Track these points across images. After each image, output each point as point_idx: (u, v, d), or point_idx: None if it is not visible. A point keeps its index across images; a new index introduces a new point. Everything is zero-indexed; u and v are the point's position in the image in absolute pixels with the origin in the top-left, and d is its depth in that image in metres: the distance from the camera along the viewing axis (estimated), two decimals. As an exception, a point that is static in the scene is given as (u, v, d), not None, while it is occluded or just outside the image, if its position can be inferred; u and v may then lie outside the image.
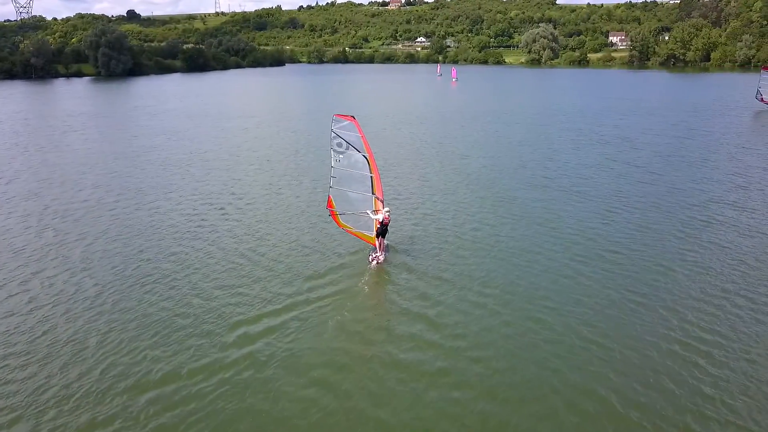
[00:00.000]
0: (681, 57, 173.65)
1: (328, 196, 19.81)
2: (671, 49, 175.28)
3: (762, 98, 61.57)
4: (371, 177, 19.37)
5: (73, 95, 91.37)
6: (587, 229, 22.51)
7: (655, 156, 37.69)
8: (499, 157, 37.80)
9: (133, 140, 45.85)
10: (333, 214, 19.96)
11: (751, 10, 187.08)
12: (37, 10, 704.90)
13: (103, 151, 40.63)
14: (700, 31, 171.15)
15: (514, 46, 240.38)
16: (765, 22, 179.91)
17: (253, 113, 65.14)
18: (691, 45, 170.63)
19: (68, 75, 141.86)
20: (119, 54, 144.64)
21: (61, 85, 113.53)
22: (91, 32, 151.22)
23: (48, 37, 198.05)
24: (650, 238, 21.58)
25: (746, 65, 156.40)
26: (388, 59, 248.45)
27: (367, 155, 19.01)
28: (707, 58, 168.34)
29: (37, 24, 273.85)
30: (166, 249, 20.90)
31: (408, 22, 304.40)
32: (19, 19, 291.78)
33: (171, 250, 20.78)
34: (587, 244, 20.93)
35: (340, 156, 19.29)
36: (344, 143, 18.99)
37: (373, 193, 19.62)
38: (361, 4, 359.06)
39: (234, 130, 51.93)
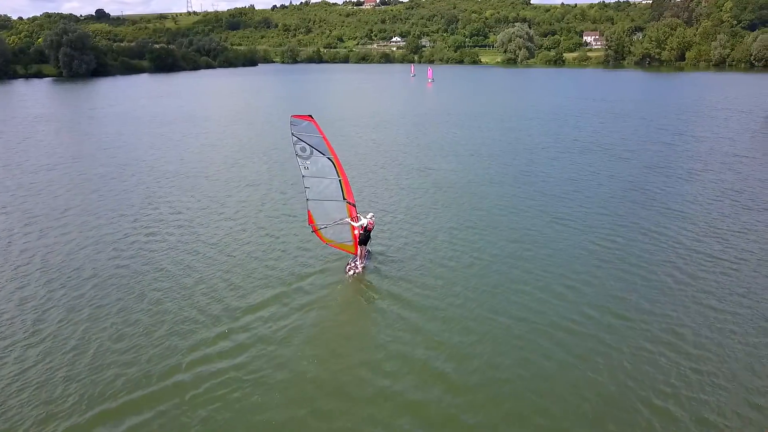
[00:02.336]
0: (656, 56, 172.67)
1: (308, 211, 18.20)
2: (646, 49, 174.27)
3: None
4: (339, 180, 17.74)
5: (22, 97, 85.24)
6: (579, 276, 17.65)
7: (643, 168, 33.32)
8: (475, 170, 33.16)
9: (59, 149, 40.89)
10: (315, 230, 18.44)
11: (721, 11, 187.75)
12: (4, 9, 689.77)
13: (20, 162, 35.70)
14: (675, 30, 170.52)
15: (489, 46, 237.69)
16: (735, 22, 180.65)
17: (207, 116, 60.49)
18: (666, 44, 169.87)
19: (28, 76, 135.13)
20: (82, 54, 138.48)
21: (16, 87, 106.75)
22: (52, 31, 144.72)
23: (13, 36, 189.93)
24: (656, 287, 16.93)
25: (721, 64, 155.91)
26: (363, 59, 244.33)
27: (331, 157, 17.32)
28: (682, 58, 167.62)
29: (2, 24, 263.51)
30: (58, 300, 16.44)
31: (383, 21, 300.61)
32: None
33: (65, 302, 16.36)
34: (581, 300, 16.07)
35: (307, 162, 17.41)
36: (307, 147, 17.17)
37: (344, 199, 18.01)
38: (336, 3, 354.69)
39: (177, 135, 47.24)
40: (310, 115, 16.93)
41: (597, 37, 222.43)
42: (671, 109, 62.41)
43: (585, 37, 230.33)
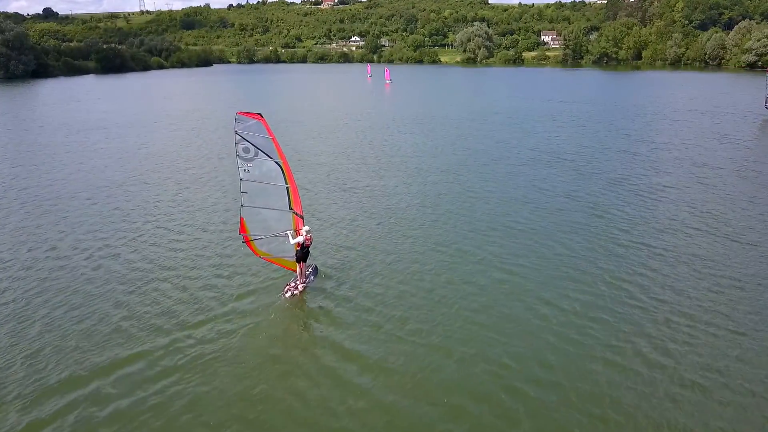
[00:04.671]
0: (613, 55, 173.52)
1: (240, 219, 16.39)
2: (604, 48, 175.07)
3: None
4: (287, 188, 16.37)
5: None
6: (532, 365, 13.20)
7: (606, 184, 29.48)
8: (419, 191, 28.43)
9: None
10: (247, 241, 16.63)
11: (673, 11, 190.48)
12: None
13: None
14: (631, 30, 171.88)
15: (449, 45, 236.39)
16: (687, 22, 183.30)
17: (130, 122, 55.40)
18: (623, 44, 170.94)
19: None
20: (20, 54, 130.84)
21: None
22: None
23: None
24: (633, 386, 12.42)
25: (676, 63, 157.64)
26: (322, 59, 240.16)
27: (280, 162, 16.06)
28: (639, 57, 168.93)
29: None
30: None
31: (341, 21, 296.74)
32: None
33: None
34: (539, 404, 11.88)
35: (249, 165, 15.91)
36: (252, 148, 15.78)
37: (291, 209, 16.64)
38: (294, 2, 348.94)
39: (84, 146, 42.24)
40: (260, 114, 15.67)
41: (554, 36, 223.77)
42: (631, 111, 60.43)
43: (543, 37, 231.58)
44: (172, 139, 45.42)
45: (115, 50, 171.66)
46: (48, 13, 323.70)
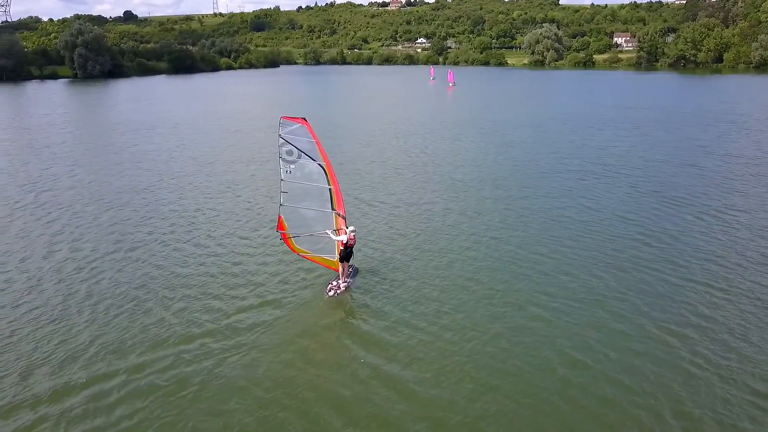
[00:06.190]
0: (692, 58, 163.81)
1: (279, 216, 16.77)
2: (681, 50, 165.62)
3: None
4: (330, 190, 16.83)
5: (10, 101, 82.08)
6: None
7: (664, 205, 25.67)
8: (465, 209, 25.72)
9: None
10: (285, 238, 16.98)
11: (759, 11, 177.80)
12: (36, 10, 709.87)
13: None
14: (712, 31, 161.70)
15: (516, 47, 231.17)
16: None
17: (177, 122, 56.46)
18: (703, 45, 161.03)
19: (43, 77, 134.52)
20: (97, 55, 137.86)
21: (22, 89, 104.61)
22: (67, 32, 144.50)
23: (42, 38, 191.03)
24: None
25: (762, 66, 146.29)
26: (387, 60, 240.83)
27: (323, 164, 16.51)
28: (719, 59, 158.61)
29: (31, 25, 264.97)
30: None
31: (408, 22, 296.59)
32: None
33: None
34: None
35: (291, 166, 16.43)
36: (295, 150, 16.28)
37: (333, 209, 17.11)
38: (361, 4, 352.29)
39: (128, 144, 43.15)
40: (304, 118, 16.20)
41: (628, 38, 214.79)
42: (705, 119, 55.37)
43: (615, 39, 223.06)
44: (219, 141, 45.30)
45: (185, 51, 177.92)
46: (128, 16, 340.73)
